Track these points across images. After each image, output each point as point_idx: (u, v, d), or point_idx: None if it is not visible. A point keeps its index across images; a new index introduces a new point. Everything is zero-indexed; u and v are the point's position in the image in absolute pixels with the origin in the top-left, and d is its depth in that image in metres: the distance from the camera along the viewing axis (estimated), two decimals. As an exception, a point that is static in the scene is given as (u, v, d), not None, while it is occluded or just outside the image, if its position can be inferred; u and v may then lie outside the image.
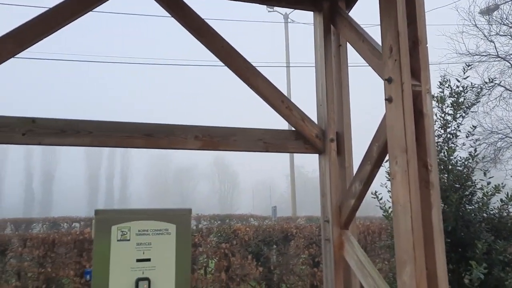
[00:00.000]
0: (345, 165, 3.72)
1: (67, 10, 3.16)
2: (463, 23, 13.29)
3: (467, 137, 5.36)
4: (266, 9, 26.03)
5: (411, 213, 2.57)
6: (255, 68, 3.71)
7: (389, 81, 2.81)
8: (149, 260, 2.67)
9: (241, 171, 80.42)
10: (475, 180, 4.86)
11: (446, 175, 4.80)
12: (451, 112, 5.03)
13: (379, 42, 3.01)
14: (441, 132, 5.05)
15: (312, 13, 3.99)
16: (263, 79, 3.69)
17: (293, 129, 3.77)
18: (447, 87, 5.12)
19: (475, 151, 5.00)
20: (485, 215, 4.72)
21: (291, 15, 27.23)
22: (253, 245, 7.26)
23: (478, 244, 4.24)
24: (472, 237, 4.44)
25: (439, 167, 4.83)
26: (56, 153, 72.01)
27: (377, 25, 2.95)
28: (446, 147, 4.90)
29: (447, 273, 2.61)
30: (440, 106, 5.07)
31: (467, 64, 5.35)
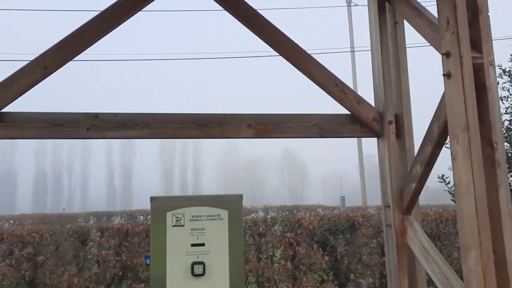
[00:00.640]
0: (406, 148, 3.56)
1: (119, 11, 3.30)
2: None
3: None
4: (327, -5, 25.45)
5: (475, 194, 2.40)
6: (307, 53, 3.65)
7: (447, 55, 2.63)
8: (203, 244, 2.75)
9: (310, 163, 79.95)
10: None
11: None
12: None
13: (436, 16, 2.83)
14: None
15: (366, -8, 3.84)
16: (316, 64, 3.62)
17: (349, 113, 3.66)
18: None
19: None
20: None
21: (354, -1, 26.47)
22: (318, 234, 7.19)
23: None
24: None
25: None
26: (133, 150, 76.16)
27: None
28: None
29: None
30: (513, 81, 4.68)
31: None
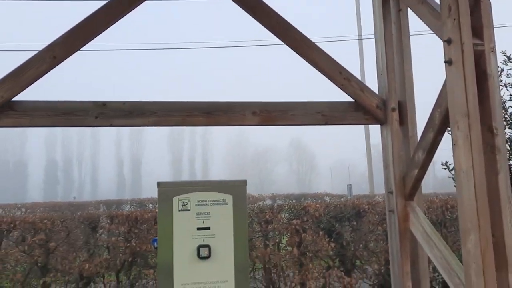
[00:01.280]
0: (409, 135, 3.60)
1: (125, 1, 3.35)
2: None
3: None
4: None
5: (474, 179, 2.45)
6: (311, 41, 3.68)
7: (448, 42, 2.66)
8: (208, 228, 2.83)
9: (318, 152, 79.94)
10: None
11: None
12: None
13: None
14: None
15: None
16: (320, 52, 3.65)
17: (353, 101, 3.70)
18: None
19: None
20: None
21: (362, -14, 26.17)
22: (324, 221, 7.26)
23: None
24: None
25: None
26: (142, 140, 76.62)
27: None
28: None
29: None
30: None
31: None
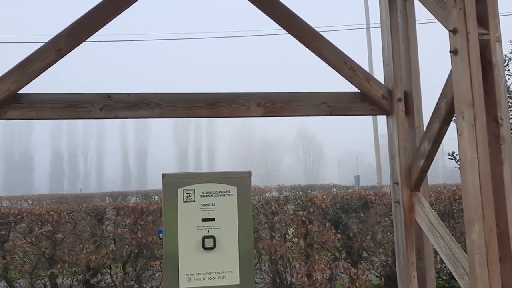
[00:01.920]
0: (415, 125, 3.58)
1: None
2: None
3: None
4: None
5: (479, 169, 2.44)
6: (316, 31, 3.66)
7: (453, 32, 2.63)
8: (213, 219, 2.85)
9: (326, 143, 79.77)
10: None
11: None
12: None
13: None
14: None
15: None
16: (325, 42, 3.63)
17: (358, 91, 3.68)
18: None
19: None
20: None
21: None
22: (331, 213, 7.26)
23: None
24: None
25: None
26: (147, 131, 76.83)
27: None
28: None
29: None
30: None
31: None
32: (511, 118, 2.86)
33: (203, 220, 2.83)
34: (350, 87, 3.66)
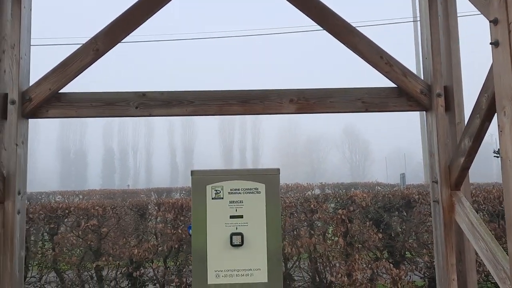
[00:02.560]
0: (455, 121, 3.42)
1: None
2: None
3: None
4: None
5: (521, 168, 2.28)
6: (351, 25, 3.57)
7: (494, 22, 2.48)
8: (241, 216, 2.85)
9: (373, 139, 78.08)
10: None
11: None
12: None
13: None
14: None
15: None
16: (360, 36, 3.54)
17: (395, 86, 3.56)
18: None
19: None
20: None
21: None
22: (372, 212, 7.09)
23: None
24: None
25: None
26: (194, 129, 78.32)
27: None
28: None
29: None
30: None
31: None
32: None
33: (231, 217, 2.84)
34: (386, 83, 3.54)
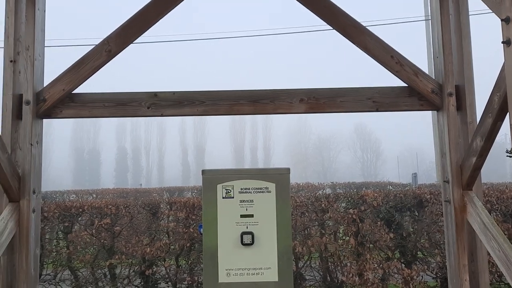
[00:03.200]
0: (467, 121, 3.40)
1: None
2: None
3: None
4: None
5: (533, 168, 2.27)
6: (361, 25, 3.57)
7: (506, 21, 2.47)
8: (252, 216, 2.87)
9: (384, 139, 77.55)
10: None
11: None
12: None
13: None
14: None
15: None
16: (371, 36, 3.53)
17: (406, 86, 3.55)
18: None
19: None
20: None
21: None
22: (383, 211, 7.06)
23: None
24: None
25: None
26: (205, 129, 78.59)
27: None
28: None
29: None
30: None
31: None
32: None
33: (242, 216, 2.86)
34: (397, 83, 3.54)
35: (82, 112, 3.50)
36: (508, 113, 2.91)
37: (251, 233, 2.83)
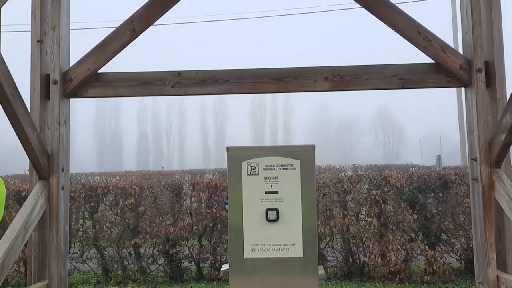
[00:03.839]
0: (497, 97, 3.31)
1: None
2: None
3: None
4: None
5: None
6: (389, 0, 3.48)
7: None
8: (276, 192, 2.87)
9: (407, 122, 76.35)
10: None
11: None
12: None
13: None
14: None
15: None
16: (397, 11, 3.45)
17: (434, 62, 3.47)
18: None
19: None
20: None
21: None
22: (407, 193, 6.99)
23: None
24: None
25: None
26: (225, 113, 78.78)
27: None
28: None
29: None
30: None
31: None
32: None
33: (267, 192, 2.87)
34: (423, 59, 3.46)
35: (107, 91, 3.54)
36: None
37: (276, 210, 2.84)
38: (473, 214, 3.41)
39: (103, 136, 79.21)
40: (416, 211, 6.74)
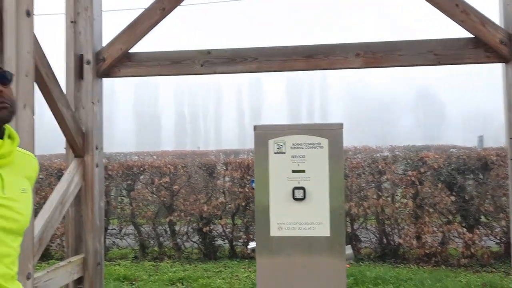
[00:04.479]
0: (540, 73, 3.13)
1: None
2: None
3: None
4: None
5: None
6: (424, -29, 3.33)
7: None
8: (303, 171, 2.84)
9: (449, 102, 73.64)
10: None
11: None
12: None
13: None
14: None
15: None
16: (433, -17, 3.29)
17: (472, 36, 3.31)
18: None
19: None
20: None
21: None
22: (444, 174, 6.79)
23: None
24: None
25: None
26: (261, 92, 78.55)
27: None
28: None
29: None
30: None
31: None
32: None
33: (294, 171, 2.85)
34: (460, 34, 3.30)
35: (139, 70, 3.59)
36: None
37: (302, 188, 2.82)
38: (510, 194, 3.28)
39: (141, 116, 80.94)
40: (454, 193, 6.55)
